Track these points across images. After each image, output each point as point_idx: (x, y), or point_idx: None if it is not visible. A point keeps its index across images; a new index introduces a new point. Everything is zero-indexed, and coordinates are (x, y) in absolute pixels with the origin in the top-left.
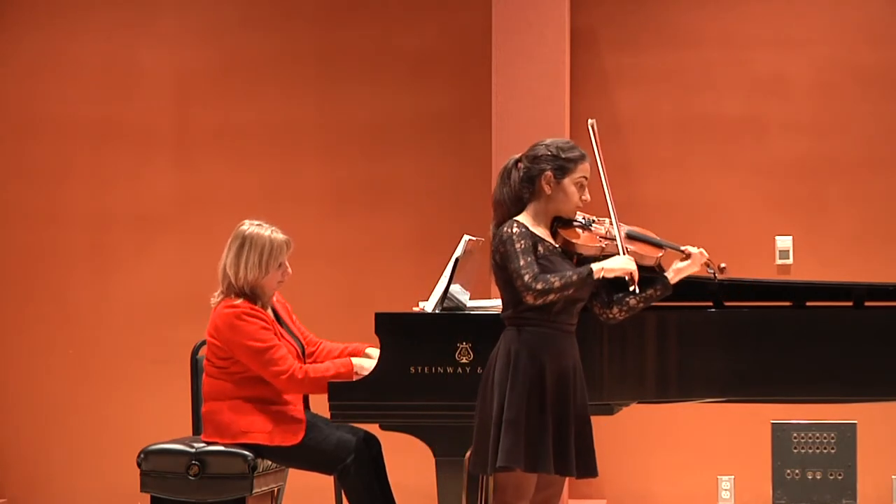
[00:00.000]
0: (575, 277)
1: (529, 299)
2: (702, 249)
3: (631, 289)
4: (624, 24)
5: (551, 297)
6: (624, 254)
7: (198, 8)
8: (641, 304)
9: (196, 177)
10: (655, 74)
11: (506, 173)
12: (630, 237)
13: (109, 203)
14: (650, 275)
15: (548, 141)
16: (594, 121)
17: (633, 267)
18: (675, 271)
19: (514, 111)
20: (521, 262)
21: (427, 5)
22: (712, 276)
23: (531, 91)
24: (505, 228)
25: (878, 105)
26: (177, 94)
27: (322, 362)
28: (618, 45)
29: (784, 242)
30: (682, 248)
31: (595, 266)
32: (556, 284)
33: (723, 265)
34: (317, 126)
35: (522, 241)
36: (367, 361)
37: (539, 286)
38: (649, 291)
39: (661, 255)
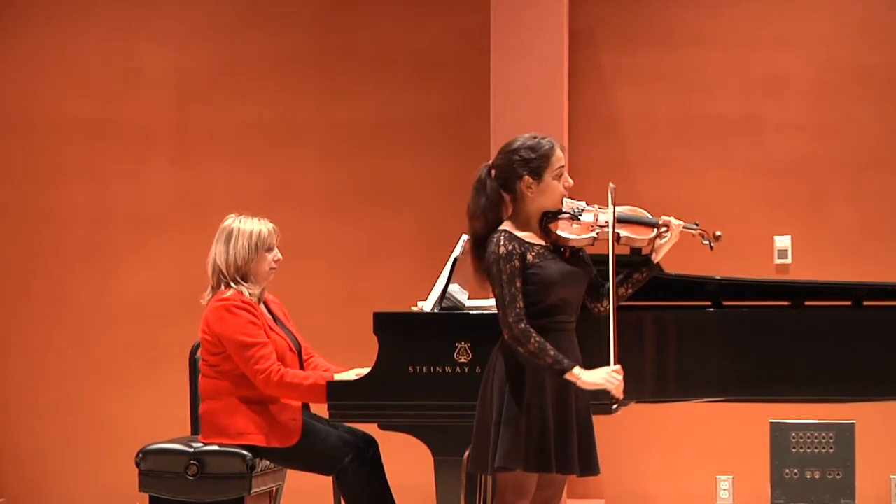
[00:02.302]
0: (549, 360)
1: (505, 335)
2: (672, 219)
3: (614, 406)
4: (622, 23)
5: (520, 349)
6: (616, 239)
7: (197, 7)
8: (630, 291)
9: (195, 176)
10: (653, 74)
11: (480, 184)
12: (621, 221)
13: (108, 202)
14: (638, 257)
15: (514, 145)
16: (615, 186)
17: (611, 387)
18: (657, 249)
19: (513, 111)
20: (507, 294)
21: (427, 5)
22: (708, 246)
23: (529, 91)
24: (492, 247)
25: (877, 105)
26: (176, 93)
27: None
28: (616, 45)
29: (782, 242)
30: (660, 220)
31: (575, 370)
32: (532, 346)
33: (718, 233)
34: (316, 125)
35: (509, 266)
36: (350, 374)
37: (517, 332)
38: (636, 276)
39: (653, 235)
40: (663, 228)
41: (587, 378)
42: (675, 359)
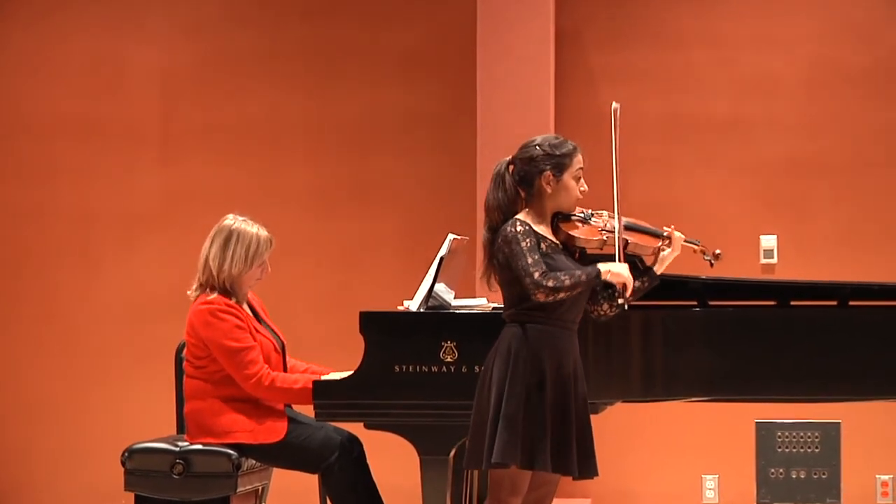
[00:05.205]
0: (584, 277)
1: (540, 297)
2: (675, 231)
3: (619, 301)
4: (609, 22)
5: (561, 294)
6: (623, 246)
7: (184, 5)
8: (632, 298)
9: (182, 174)
10: (641, 73)
11: (499, 178)
12: (629, 228)
13: (95, 201)
14: (642, 265)
15: (538, 140)
16: (618, 105)
17: (630, 278)
18: (661, 260)
19: (499, 110)
20: (529, 260)
21: (413, 4)
22: (709, 263)
23: (516, 89)
24: (508, 228)
25: (864, 104)
26: (163, 92)
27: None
28: (603, 44)
29: (768, 242)
30: (664, 232)
31: (602, 267)
32: (567, 283)
33: (718, 251)
34: (303, 124)
35: (528, 239)
36: (338, 375)
37: (550, 283)
38: (637, 284)
39: (659, 245)
40: (667, 241)
41: (615, 269)
42: (662, 358)
